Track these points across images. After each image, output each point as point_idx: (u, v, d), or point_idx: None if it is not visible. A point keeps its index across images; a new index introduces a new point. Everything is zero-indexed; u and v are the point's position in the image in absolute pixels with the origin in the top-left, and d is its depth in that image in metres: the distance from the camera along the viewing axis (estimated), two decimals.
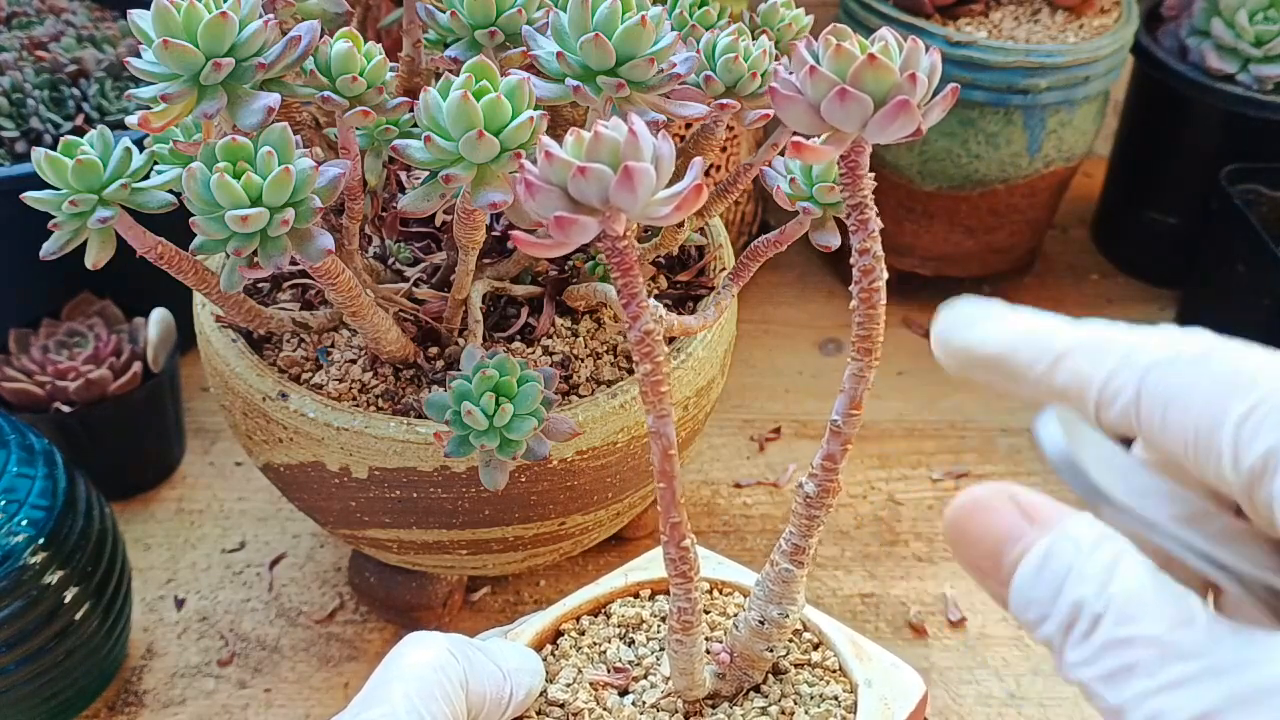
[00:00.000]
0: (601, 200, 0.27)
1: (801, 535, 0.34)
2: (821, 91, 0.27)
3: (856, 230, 0.30)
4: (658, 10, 0.37)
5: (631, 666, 0.38)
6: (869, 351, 0.32)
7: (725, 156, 0.76)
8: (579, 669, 0.38)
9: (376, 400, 0.46)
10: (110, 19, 0.78)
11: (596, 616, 0.41)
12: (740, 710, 0.37)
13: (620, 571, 0.42)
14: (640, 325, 0.30)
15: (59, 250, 0.37)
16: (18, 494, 0.49)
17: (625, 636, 0.40)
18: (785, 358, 0.81)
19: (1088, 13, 0.77)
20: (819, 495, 0.33)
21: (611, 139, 0.27)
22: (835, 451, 0.33)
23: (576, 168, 0.26)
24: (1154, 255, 0.88)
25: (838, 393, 0.33)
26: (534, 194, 0.27)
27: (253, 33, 0.35)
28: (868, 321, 0.32)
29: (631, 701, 0.37)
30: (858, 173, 0.29)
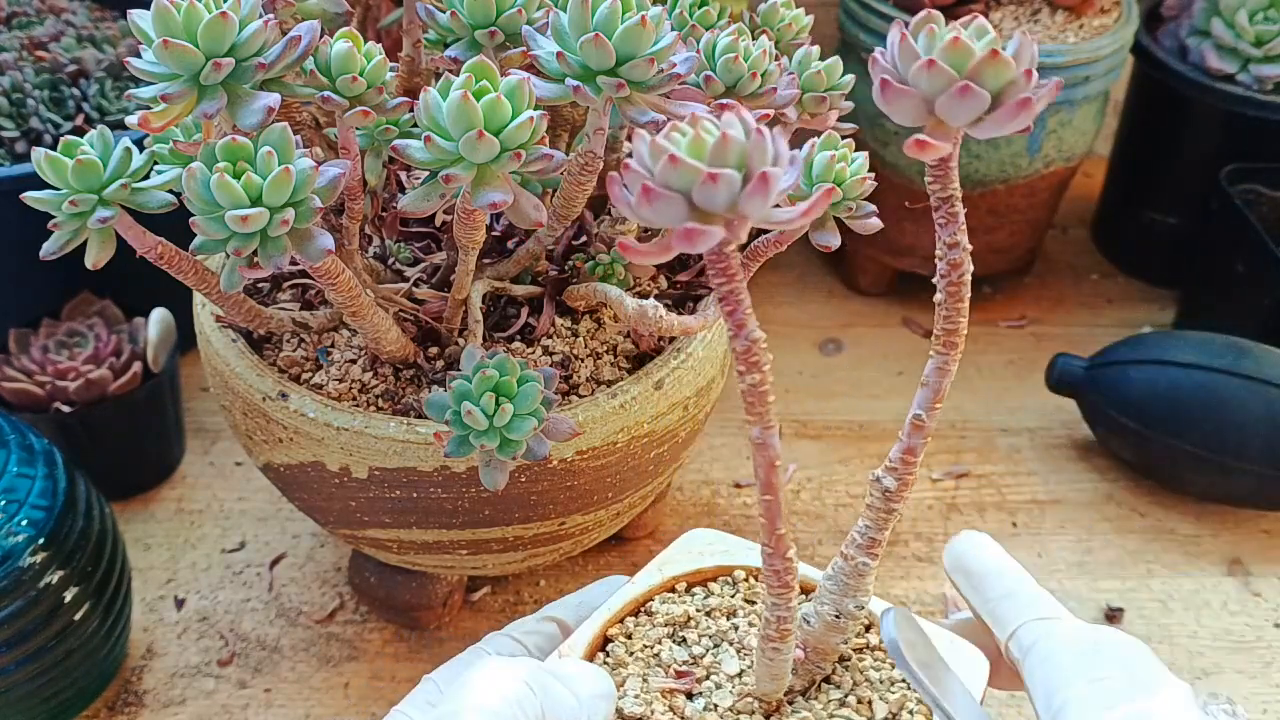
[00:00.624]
0: (728, 208, 0.25)
1: (878, 529, 0.34)
2: (939, 86, 0.26)
3: (946, 224, 0.30)
4: (658, 10, 0.37)
5: (691, 667, 0.38)
6: (954, 345, 0.32)
7: None
8: (643, 678, 0.37)
9: (376, 400, 0.46)
10: (110, 19, 0.78)
11: (639, 616, 0.40)
12: (819, 704, 0.37)
13: (654, 566, 0.41)
14: (747, 334, 0.29)
15: (59, 250, 0.37)
16: (18, 494, 0.49)
17: (674, 635, 0.39)
18: (785, 358, 0.81)
19: (1088, 13, 0.77)
20: (898, 490, 0.34)
21: (739, 142, 0.25)
22: (916, 445, 0.33)
23: (705, 174, 0.25)
24: (1154, 255, 0.88)
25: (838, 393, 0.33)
26: (652, 200, 0.25)
27: (253, 33, 0.35)
28: (954, 315, 0.31)
29: (704, 706, 0.36)
30: (950, 165, 0.29)
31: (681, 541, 0.42)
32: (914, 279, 0.86)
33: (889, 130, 0.78)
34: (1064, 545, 0.66)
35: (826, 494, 0.69)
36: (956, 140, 0.28)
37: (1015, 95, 0.26)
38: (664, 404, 0.47)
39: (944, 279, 0.31)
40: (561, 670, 0.33)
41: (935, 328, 0.31)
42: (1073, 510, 0.69)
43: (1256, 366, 0.65)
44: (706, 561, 0.41)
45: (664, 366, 0.47)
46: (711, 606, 0.40)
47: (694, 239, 0.25)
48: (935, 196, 0.30)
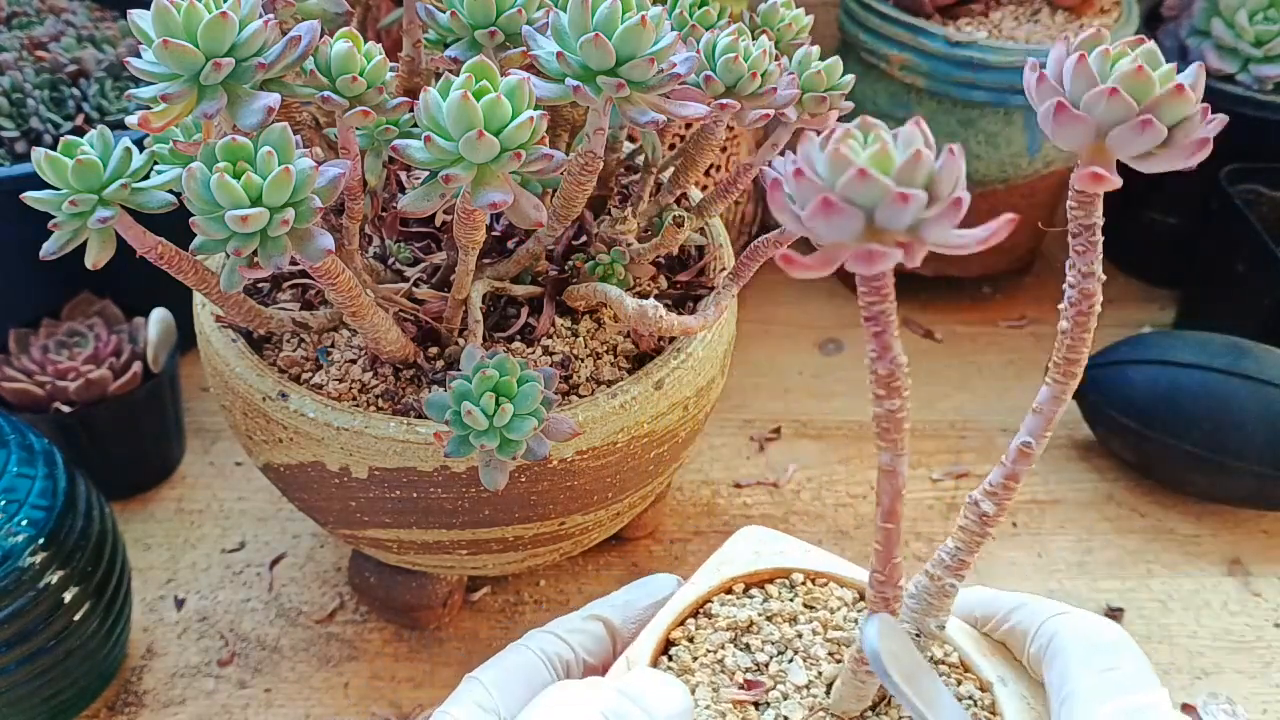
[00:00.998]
0: (909, 230, 0.24)
1: (969, 551, 0.34)
2: (1117, 116, 0.26)
3: (1084, 252, 0.29)
4: (658, 10, 0.37)
5: (757, 676, 0.37)
6: (1073, 375, 0.31)
7: (725, 156, 0.76)
8: (714, 687, 0.37)
9: (376, 400, 0.46)
10: (110, 19, 0.78)
11: (698, 618, 0.39)
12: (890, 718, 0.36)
13: (712, 566, 0.41)
14: (892, 358, 0.27)
15: (59, 250, 0.37)
16: (18, 494, 0.49)
17: (737, 641, 0.38)
18: (785, 358, 0.81)
19: (1088, 13, 0.77)
20: (995, 514, 0.33)
21: (930, 160, 0.24)
22: (1020, 472, 0.32)
23: (896, 194, 0.23)
24: (1154, 255, 0.88)
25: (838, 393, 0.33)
26: (830, 215, 0.24)
27: (253, 33, 0.35)
28: (1077, 345, 0.30)
29: (774, 717, 0.36)
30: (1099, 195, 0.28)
31: (737, 540, 0.42)
32: (914, 279, 0.86)
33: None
34: (1064, 545, 0.66)
35: (826, 494, 0.69)
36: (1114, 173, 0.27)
37: (1190, 133, 0.25)
38: (664, 404, 0.47)
39: (1073, 307, 0.30)
40: (634, 689, 0.32)
41: (1055, 355, 0.31)
42: (1073, 510, 0.69)
43: (1256, 366, 0.65)
44: (764, 563, 0.41)
45: (664, 366, 0.47)
46: (772, 611, 0.39)
47: (874, 260, 0.23)
48: (1077, 223, 0.29)
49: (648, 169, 0.52)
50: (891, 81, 0.76)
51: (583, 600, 0.62)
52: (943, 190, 0.24)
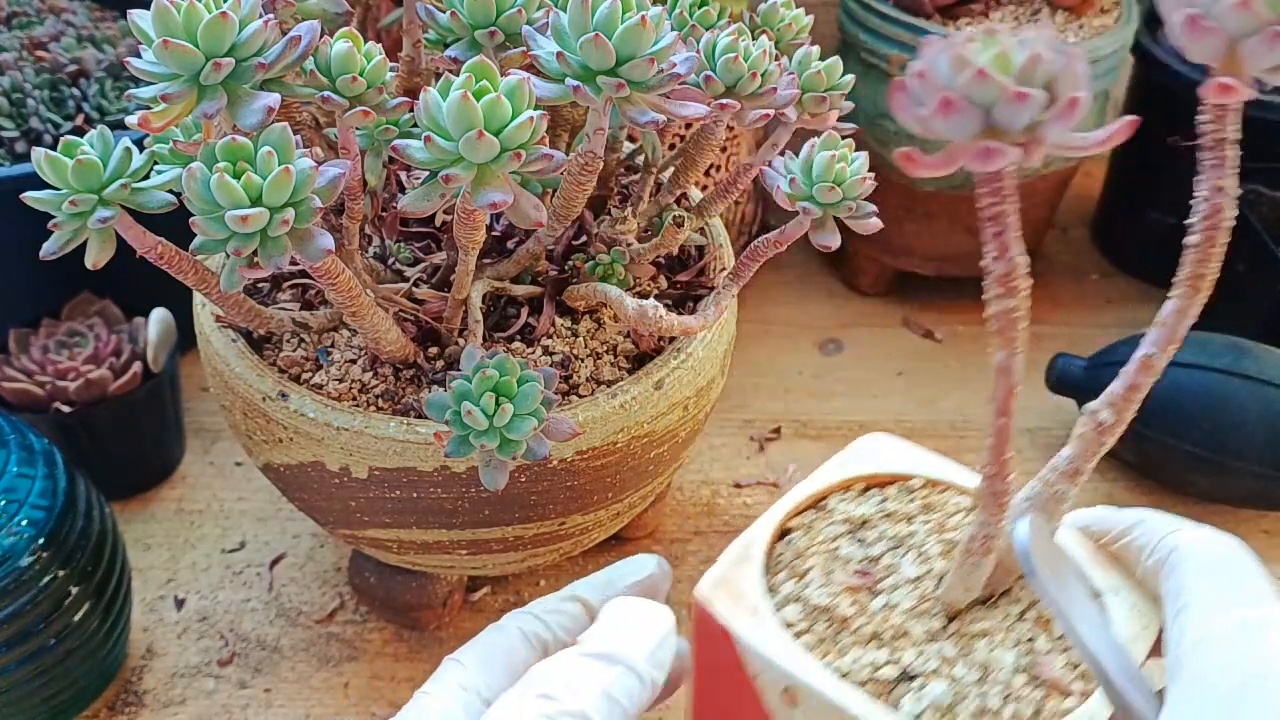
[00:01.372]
0: (1027, 129, 0.25)
1: (1084, 459, 0.35)
2: (1249, 27, 0.26)
3: (1216, 166, 0.30)
4: (658, 10, 0.37)
5: (869, 566, 0.39)
6: (1198, 289, 0.31)
7: (725, 156, 0.76)
8: (826, 571, 0.39)
9: (376, 400, 0.46)
10: (110, 19, 0.78)
11: (817, 511, 0.42)
12: (998, 615, 0.38)
13: (833, 465, 0.43)
14: (1011, 256, 0.29)
15: (59, 250, 0.37)
16: (18, 494, 0.49)
17: (853, 535, 0.40)
18: (785, 358, 0.81)
19: (1088, 13, 0.77)
20: (1113, 424, 0.34)
21: (1050, 62, 0.25)
22: (1141, 384, 0.33)
23: (1013, 92, 0.24)
24: (1154, 255, 0.87)
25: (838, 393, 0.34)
26: (950, 113, 0.25)
27: (253, 33, 0.35)
28: (1205, 259, 0.31)
29: (884, 604, 0.38)
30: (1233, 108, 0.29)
31: (861, 443, 0.43)
32: (914, 279, 0.86)
33: (889, 130, 0.78)
34: None
35: None
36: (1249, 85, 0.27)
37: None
38: (664, 404, 0.47)
39: (1203, 221, 0.30)
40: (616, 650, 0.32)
41: (1181, 271, 0.31)
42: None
43: (1256, 366, 0.64)
44: (885, 467, 0.43)
45: (664, 366, 0.47)
46: (889, 511, 0.41)
47: (992, 158, 0.25)
48: (1209, 137, 0.29)
49: (648, 169, 0.52)
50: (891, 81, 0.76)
51: None
52: (1062, 92, 0.25)
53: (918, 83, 0.26)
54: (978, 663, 0.36)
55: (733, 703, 0.37)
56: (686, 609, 0.61)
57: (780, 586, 0.39)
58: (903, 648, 0.36)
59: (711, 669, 0.38)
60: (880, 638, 0.37)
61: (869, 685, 0.35)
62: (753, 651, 0.36)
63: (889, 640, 0.37)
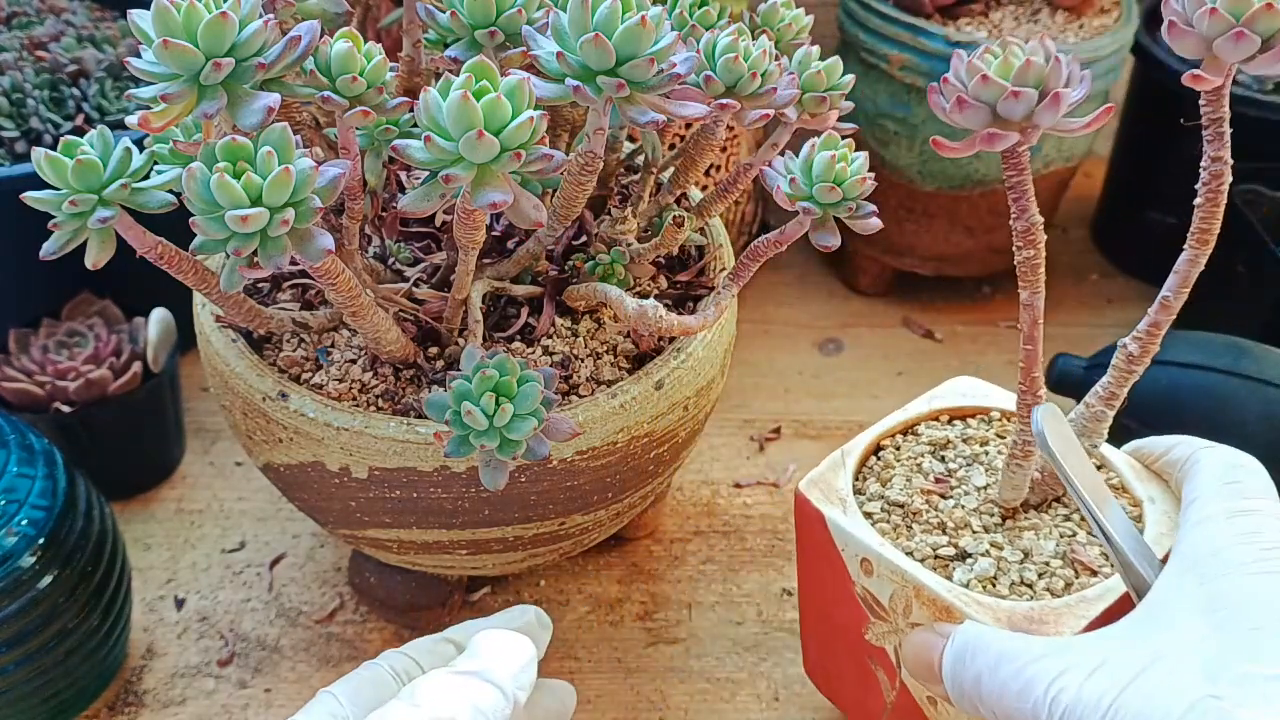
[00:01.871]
0: (1024, 118, 0.34)
1: (1118, 385, 0.42)
2: (1219, 29, 0.33)
3: (1213, 140, 0.36)
4: (658, 10, 0.37)
5: (948, 477, 0.47)
6: (1206, 242, 0.39)
7: (725, 156, 0.76)
8: (908, 478, 0.47)
9: (376, 400, 0.46)
10: (110, 19, 0.78)
11: (907, 436, 0.50)
12: (1048, 516, 0.46)
13: (924, 400, 0.51)
14: (1029, 217, 0.38)
15: (59, 250, 0.37)
16: (18, 494, 0.49)
17: (935, 453, 0.49)
18: (785, 358, 0.81)
19: (1088, 13, 0.77)
20: (1140, 354, 0.41)
21: (1039, 66, 0.33)
22: (1161, 320, 0.41)
23: (1010, 91, 0.33)
24: (1154, 255, 0.87)
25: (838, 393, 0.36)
26: (964, 109, 0.34)
27: (253, 33, 0.35)
28: (1209, 216, 0.38)
29: (953, 505, 0.46)
30: (1223, 94, 0.36)
31: (950, 384, 0.52)
32: (914, 279, 0.86)
33: (889, 130, 0.78)
34: None
35: None
36: (1228, 74, 0.34)
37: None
38: (664, 404, 0.47)
39: (1205, 186, 0.38)
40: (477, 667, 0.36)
41: (1192, 227, 0.39)
42: None
43: (1256, 366, 0.64)
44: (969, 401, 0.51)
45: (664, 366, 0.47)
46: (969, 435, 0.50)
47: (994, 141, 0.34)
48: (1207, 117, 0.36)
49: (648, 169, 0.52)
50: (891, 81, 0.76)
51: (582, 600, 0.62)
52: (1050, 89, 0.33)
53: (944, 87, 0.35)
54: (1022, 548, 0.44)
55: (827, 571, 0.47)
56: (686, 607, 0.61)
57: (867, 488, 0.47)
58: (961, 535, 0.45)
59: (810, 546, 0.48)
60: (944, 528, 0.45)
61: (928, 561, 0.44)
62: (839, 531, 0.45)
63: (951, 530, 0.45)
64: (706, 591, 0.63)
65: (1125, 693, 0.34)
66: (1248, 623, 0.34)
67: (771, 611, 0.62)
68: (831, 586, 0.47)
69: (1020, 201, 0.37)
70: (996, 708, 0.38)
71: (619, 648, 0.60)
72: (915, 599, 0.43)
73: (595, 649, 0.59)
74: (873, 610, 0.45)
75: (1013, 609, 0.41)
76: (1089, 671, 0.35)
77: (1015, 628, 0.40)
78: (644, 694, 0.57)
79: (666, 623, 0.61)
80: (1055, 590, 0.42)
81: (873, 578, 0.44)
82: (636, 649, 0.59)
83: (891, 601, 0.44)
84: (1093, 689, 0.35)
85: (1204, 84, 0.34)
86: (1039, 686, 0.36)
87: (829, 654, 0.51)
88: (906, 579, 0.43)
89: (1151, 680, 0.34)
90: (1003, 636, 0.39)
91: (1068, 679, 0.36)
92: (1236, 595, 0.35)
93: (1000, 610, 0.41)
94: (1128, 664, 0.35)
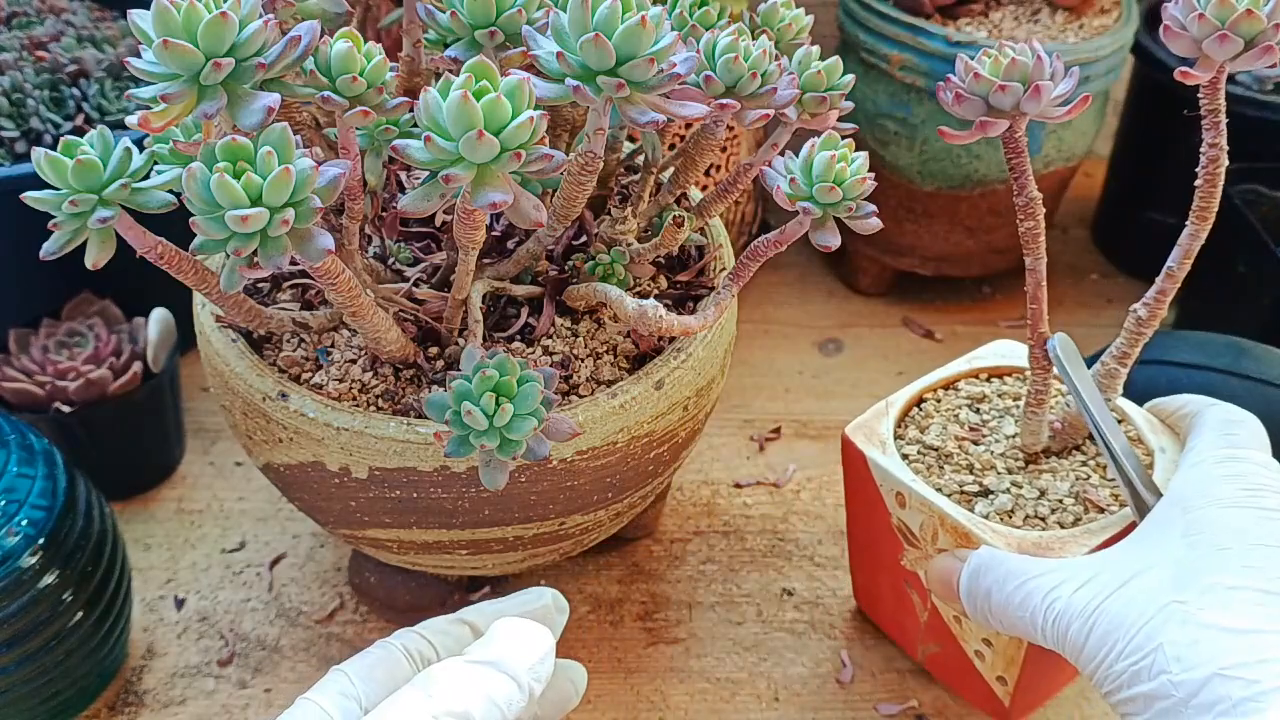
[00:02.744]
0: (1013, 107, 0.40)
1: (1130, 345, 0.47)
2: (1205, 31, 0.38)
3: (1210, 128, 0.41)
4: (658, 10, 0.37)
5: (981, 427, 0.53)
6: (1205, 219, 0.44)
7: (725, 156, 0.76)
8: (944, 426, 0.53)
9: (376, 400, 0.46)
10: (110, 19, 0.78)
11: (948, 390, 0.56)
12: (1066, 462, 0.52)
13: (965, 359, 0.57)
14: (1028, 193, 0.44)
15: (59, 250, 0.37)
16: (18, 494, 0.49)
17: (972, 406, 0.55)
18: (785, 358, 0.81)
19: (1088, 13, 0.77)
20: (1149, 318, 0.46)
21: (1024, 64, 0.40)
22: (1167, 288, 0.45)
23: (997, 85, 0.40)
24: (1154, 255, 0.87)
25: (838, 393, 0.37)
26: (961, 102, 0.41)
27: (253, 33, 0.35)
28: (1208, 195, 0.43)
29: (984, 450, 0.52)
30: (1218, 88, 0.41)
31: (990, 346, 0.58)
32: (914, 279, 0.86)
33: (889, 130, 0.78)
34: None
35: (826, 494, 0.69)
36: (1224, 71, 0.40)
37: (1263, 41, 0.38)
38: (664, 404, 0.47)
39: (1204, 169, 0.42)
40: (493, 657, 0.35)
41: (1193, 205, 0.43)
42: None
43: (1256, 366, 0.64)
44: (1007, 362, 0.57)
45: (664, 366, 0.47)
46: (1004, 391, 0.56)
47: (988, 128, 0.41)
48: (1204, 108, 0.41)
49: (648, 169, 0.52)
50: (891, 81, 0.76)
51: (582, 600, 0.62)
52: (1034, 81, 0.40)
53: (947, 84, 0.42)
54: (1039, 487, 0.50)
55: (869, 506, 0.53)
56: (686, 607, 0.61)
57: (907, 434, 0.53)
58: (986, 475, 0.51)
59: (855, 484, 0.54)
60: (971, 468, 0.51)
61: (954, 496, 0.50)
62: (877, 468, 0.51)
63: (977, 471, 0.51)
64: (706, 591, 0.63)
65: (1107, 600, 0.40)
66: (1217, 544, 0.40)
67: (771, 611, 0.62)
68: (873, 520, 0.53)
69: (1020, 180, 0.43)
70: (1003, 618, 0.44)
71: (619, 648, 0.60)
72: (940, 527, 0.49)
73: (595, 649, 0.59)
74: (906, 539, 0.51)
75: (1023, 536, 0.47)
76: (1079, 584, 0.41)
77: (1024, 552, 0.46)
78: (644, 694, 0.57)
79: (666, 623, 0.61)
80: (1064, 524, 0.48)
81: (906, 509, 0.50)
82: (636, 649, 0.59)
83: (921, 530, 0.50)
84: (1080, 598, 0.41)
85: (1192, 79, 0.39)
86: (1036, 597, 0.42)
87: (873, 581, 0.58)
88: (933, 509, 0.48)
89: (1129, 590, 0.40)
90: (1011, 558, 0.44)
91: (1060, 590, 0.41)
92: (1212, 523, 0.41)
93: (1013, 537, 0.47)
94: (1112, 578, 0.41)
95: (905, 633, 0.57)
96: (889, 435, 0.52)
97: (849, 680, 0.58)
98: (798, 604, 0.62)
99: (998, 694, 0.53)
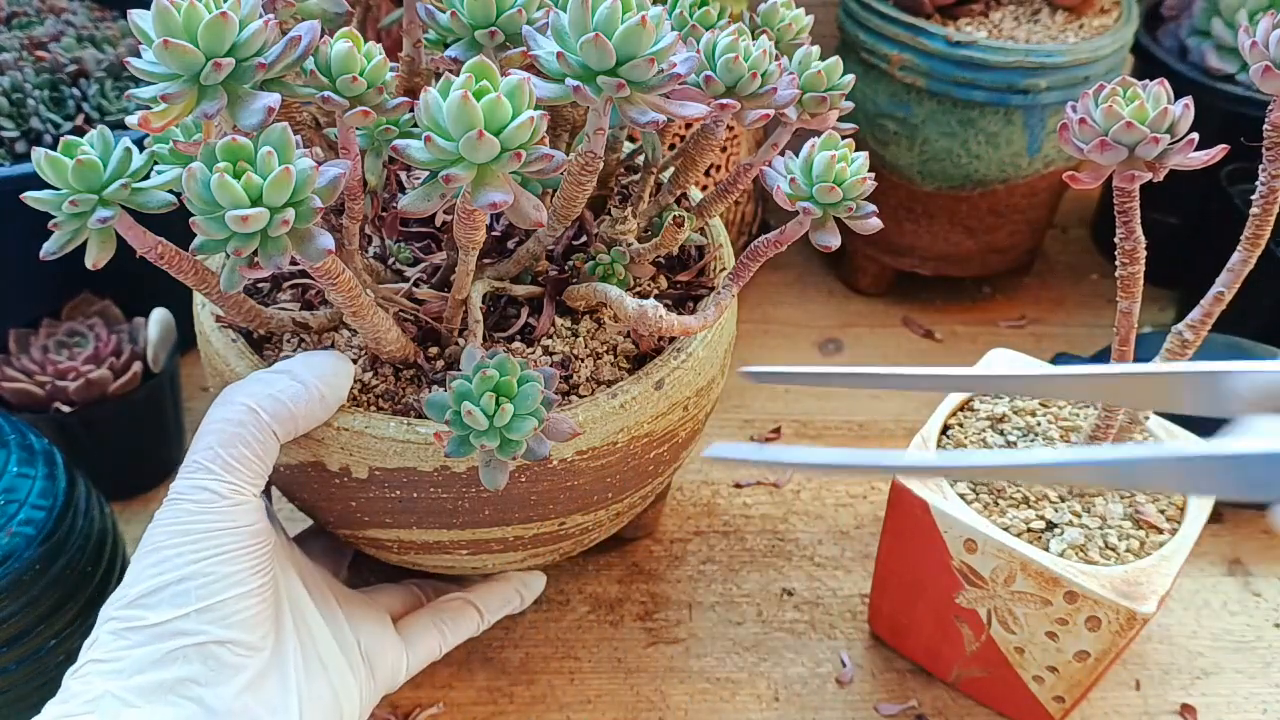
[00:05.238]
0: (1156, 158, 0.39)
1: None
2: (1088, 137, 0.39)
3: (1274, 160, 0.42)
4: (658, 10, 0.37)
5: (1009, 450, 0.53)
6: (1256, 245, 0.44)
7: (725, 156, 0.76)
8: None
9: (376, 400, 0.46)
10: (110, 19, 0.78)
11: (964, 411, 0.56)
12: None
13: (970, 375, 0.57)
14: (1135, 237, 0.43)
15: (59, 250, 0.37)
16: (18, 494, 0.49)
17: (994, 427, 0.55)
18: (785, 358, 0.81)
19: (1088, 12, 0.77)
20: (1193, 340, 0.46)
21: (1173, 113, 0.39)
22: (1213, 311, 0.46)
23: (1151, 137, 0.39)
24: (1154, 255, 0.87)
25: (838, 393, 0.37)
26: (1105, 150, 0.40)
27: (253, 33, 0.35)
28: (1263, 224, 0.43)
29: None
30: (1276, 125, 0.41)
31: (987, 359, 0.58)
32: (914, 279, 0.86)
33: (889, 130, 0.78)
34: None
35: (826, 494, 0.69)
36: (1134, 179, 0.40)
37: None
38: (664, 404, 0.47)
39: (1262, 199, 0.43)
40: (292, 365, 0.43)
41: (1245, 231, 0.43)
42: None
43: None
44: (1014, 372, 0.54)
45: (664, 366, 0.47)
46: (1019, 407, 0.56)
47: (1135, 180, 0.40)
48: (1269, 141, 0.42)
49: (648, 169, 0.52)
50: (891, 81, 0.76)
51: (582, 600, 0.62)
52: (1180, 131, 0.39)
53: (1080, 128, 0.40)
54: (1098, 514, 0.50)
55: (922, 553, 0.52)
56: (686, 607, 0.61)
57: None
58: (1043, 507, 0.51)
59: (904, 531, 0.53)
60: (1027, 501, 0.51)
61: (1024, 535, 0.50)
62: (943, 515, 0.50)
63: (1033, 503, 0.51)
64: (706, 591, 0.63)
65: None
66: None
67: (771, 611, 0.62)
68: (925, 560, 0.53)
69: (1129, 224, 0.42)
70: None
71: (619, 648, 0.60)
72: (1022, 572, 0.48)
73: (595, 649, 0.59)
74: (968, 580, 0.51)
75: (1112, 575, 0.47)
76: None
77: (1118, 591, 0.46)
78: (644, 694, 0.57)
79: (666, 623, 0.61)
80: (1135, 551, 0.49)
81: (975, 554, 0.50)
82: (636, 649, 0.59)
83: (993, 574, 0.50)
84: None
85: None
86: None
87: (906, 613, 0.58)
88: (1014, 555, 0.48)
89: None
90: None
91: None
92: None
93: (1104, 578, 0.47)
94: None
95: (939, 659, 0.57)
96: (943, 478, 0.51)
97: (849, 680, 0.58)
98: (798, 604, 0.62)
99: (1050, 710, 0.54)
